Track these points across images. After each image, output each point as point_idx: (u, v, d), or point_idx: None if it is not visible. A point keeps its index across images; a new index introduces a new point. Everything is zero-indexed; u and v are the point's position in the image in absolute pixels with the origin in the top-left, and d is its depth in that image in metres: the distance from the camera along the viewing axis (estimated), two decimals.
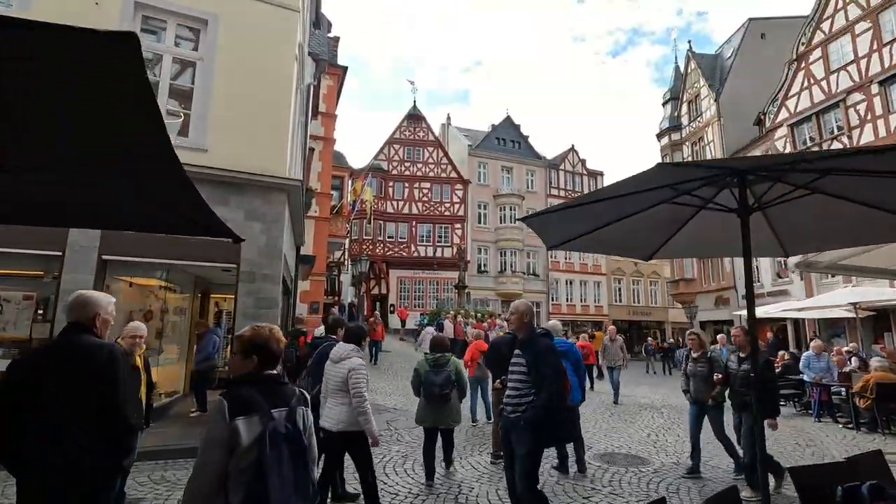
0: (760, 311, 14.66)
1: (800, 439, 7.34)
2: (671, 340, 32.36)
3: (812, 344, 9.16)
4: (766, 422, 4.46)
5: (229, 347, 7.14)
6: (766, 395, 4.54)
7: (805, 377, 8.88)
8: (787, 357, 10.69)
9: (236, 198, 7.24)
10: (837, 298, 10.35)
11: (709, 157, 26.22)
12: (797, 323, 20.13)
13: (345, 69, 20.38)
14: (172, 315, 8.54)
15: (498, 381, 5.47)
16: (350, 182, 23.59)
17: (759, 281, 22.98)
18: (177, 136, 7.34)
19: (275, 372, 1.97)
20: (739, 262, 23.99)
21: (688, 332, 5.81)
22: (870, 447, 6.70)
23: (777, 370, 10.90)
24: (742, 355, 4.93)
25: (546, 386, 3.27)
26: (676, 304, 32.85)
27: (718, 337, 9.76)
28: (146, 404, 4.17)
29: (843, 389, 8.39)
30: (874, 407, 7.26)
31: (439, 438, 4.97)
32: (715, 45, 28.77)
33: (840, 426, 8.13)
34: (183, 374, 8.59)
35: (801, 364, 9.03)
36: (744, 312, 17.30)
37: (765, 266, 22.45)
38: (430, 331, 16.69)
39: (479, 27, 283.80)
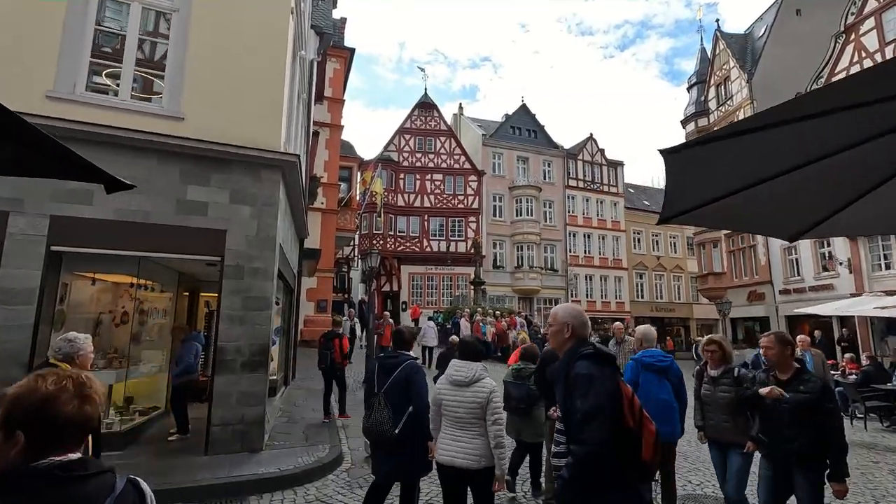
0: (829, 309, 13.17)
1: None
2: (699, 338, 30.75)
3: None
4: (831, 487, 2.89)
5: (213, 359, 5.88)
6: (832, 444, 2.91)
7: None
8: (867, 363, 9.20)
9: (219, 176, 5.98)
10: None
11: None
12: (844, 320, 18.46)
13: (352, 51, 19.10)
14: (152, 317, 7.32)
15: (553, 408, 4.17)
16: (359, 173, 22.34)
17: (799, 275, 21.36)
18: (147, 103, 6.10)
19: (73, 457, 1.04)
20: (776, 253, 22.35)
21: (704, 338, 4.02)
22: None
23: (852, 377, 9.44)
24: (782, 377, 3.12)
25: (581, 437, 1.94)
26: (701, 300, 31.23)
27: (799, 339, 7.62)
28: (92, 448, 2.90)
29: None
30: None
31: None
32: (727, 36, 27.08)
33: None
34: (166, 387, 7.36)
35: None
36: (811, 309, 15.58)
37: (806, 257, 20.77)
38: (430, 325, 15.51)
39: (485, 22, 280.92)
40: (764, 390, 3.25)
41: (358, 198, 23.37)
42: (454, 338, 10.45)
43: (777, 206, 2.53)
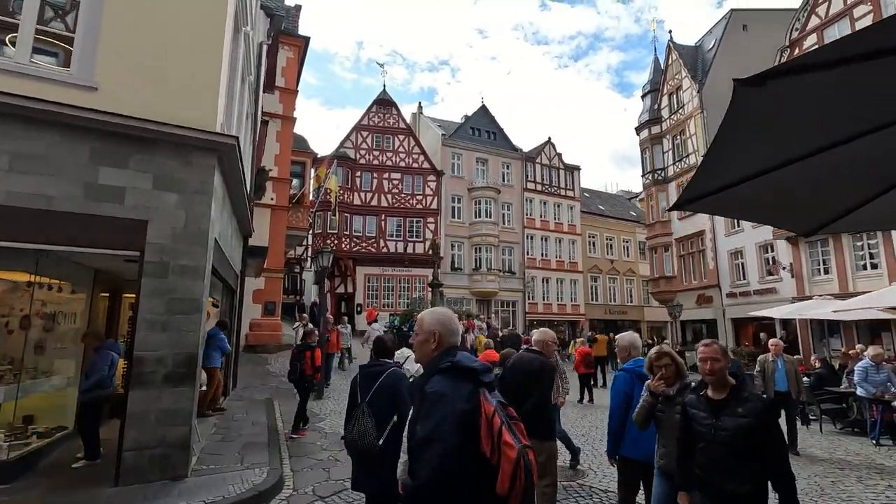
0: (783, 312, 13.49)
1: (872, 470, 5.81)
2: (649, 341, 31.57)
3: (870, 352, 7.76)
4: None
5: (128, 371, 5.03)
6: (780, 478, 2.36)
7: (860, 391, 7.47)
8: (819, 366, 9.34)
9: (141, 157, 5.13)
10: (891, 297, 9.06)
11: (690, 150, 25.36)
12: (786, 323, 19.23)
13: (306, 40, 18.13)
14: (61, 322, 6.30)
15: None
16: (313, 169, 21.27)
17: (745, 279, 22.16)
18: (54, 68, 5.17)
19: None
20: (724, 258, 23.15)
21: (652, 352, 3.29)
22: None
23: (804, 380, 9.56)
24: (716, 396, 2.55)
25: (414, 468, 1.71)
26: (652, 303, 32.06)
27: (771, 342, 7.18)
28: None
29: None
30: None
31: None
32: (679, 47, 28.12)
33: None
34: (76, 403, 6.35)
35: (856, 377, 7.62)
36: (766, 312, 16.03)
37: (751, 262, 21.60)
38: (376, 328, 14.91)
39: (444, 26, 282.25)
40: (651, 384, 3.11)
41: (311, 195, 22.29)
42: None
43: (803, 194, 2.12)
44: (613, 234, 35.68)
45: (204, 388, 8.27)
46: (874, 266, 15.98)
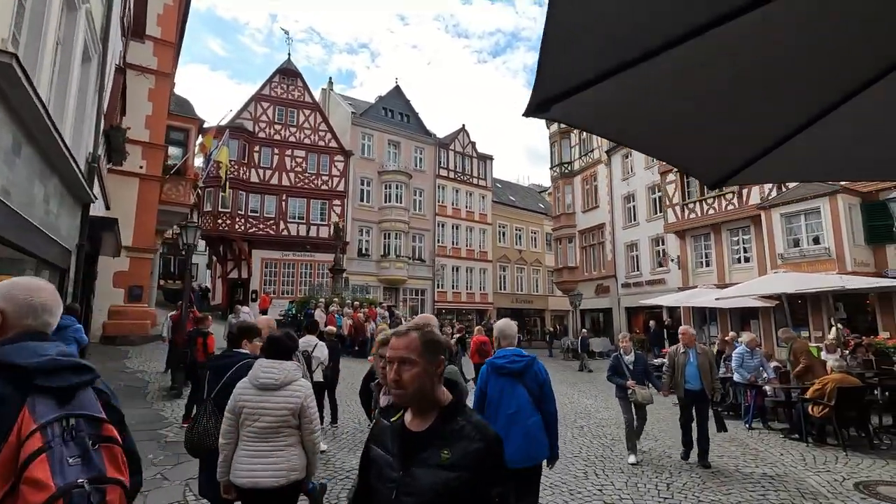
0: (671, 300, 14.04)
1: (747, 456, 5.86)
2: (551, 329, 32.67)
3: (744, 338, 8.04)
4: None
5: None
6: None
7: (737, 377, 7.69)
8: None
9: None
10: (768, 285, 9.51)
11: (595, 145, 26.30)
12: (672, 311, 20.56)
13: None
14: None
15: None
16: (200, 137, 18.80)
17: (638, 270, 23.45)
18: None
19: None
20: (621, 250, 24.33)
21: (380, 335, 2.88)
22: (841, 468, 5.39)
23: None
24: (414, 427, 1.39)
25: None
26: (556, 293, 33.27)
27: (681, 330, 6.29)
28: None
29: (784, 394, 7.32)
30: (833, 416, 6.06)
31: None
32: None
33: (782, 436, 6.94)
34: None
35: (733, 362, 7.84)
36: (657, 300, 16.65)
37: (644, 254, 22.89)
38: (246, 311, 13.50)
39: (365, 7, 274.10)
40: None
41: (196, 167, 19.78)
42: (331, 328, 8.77)
43: (706, 123, 1.48)
44: (523, 225, 36.44)
45: None
46: (747, 259, 17.45)
